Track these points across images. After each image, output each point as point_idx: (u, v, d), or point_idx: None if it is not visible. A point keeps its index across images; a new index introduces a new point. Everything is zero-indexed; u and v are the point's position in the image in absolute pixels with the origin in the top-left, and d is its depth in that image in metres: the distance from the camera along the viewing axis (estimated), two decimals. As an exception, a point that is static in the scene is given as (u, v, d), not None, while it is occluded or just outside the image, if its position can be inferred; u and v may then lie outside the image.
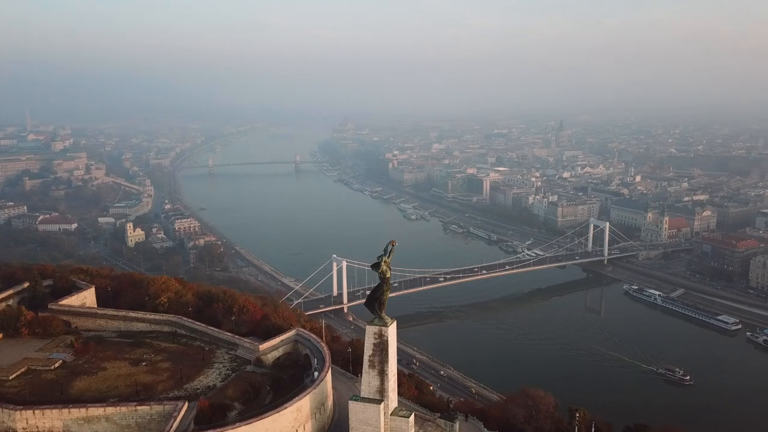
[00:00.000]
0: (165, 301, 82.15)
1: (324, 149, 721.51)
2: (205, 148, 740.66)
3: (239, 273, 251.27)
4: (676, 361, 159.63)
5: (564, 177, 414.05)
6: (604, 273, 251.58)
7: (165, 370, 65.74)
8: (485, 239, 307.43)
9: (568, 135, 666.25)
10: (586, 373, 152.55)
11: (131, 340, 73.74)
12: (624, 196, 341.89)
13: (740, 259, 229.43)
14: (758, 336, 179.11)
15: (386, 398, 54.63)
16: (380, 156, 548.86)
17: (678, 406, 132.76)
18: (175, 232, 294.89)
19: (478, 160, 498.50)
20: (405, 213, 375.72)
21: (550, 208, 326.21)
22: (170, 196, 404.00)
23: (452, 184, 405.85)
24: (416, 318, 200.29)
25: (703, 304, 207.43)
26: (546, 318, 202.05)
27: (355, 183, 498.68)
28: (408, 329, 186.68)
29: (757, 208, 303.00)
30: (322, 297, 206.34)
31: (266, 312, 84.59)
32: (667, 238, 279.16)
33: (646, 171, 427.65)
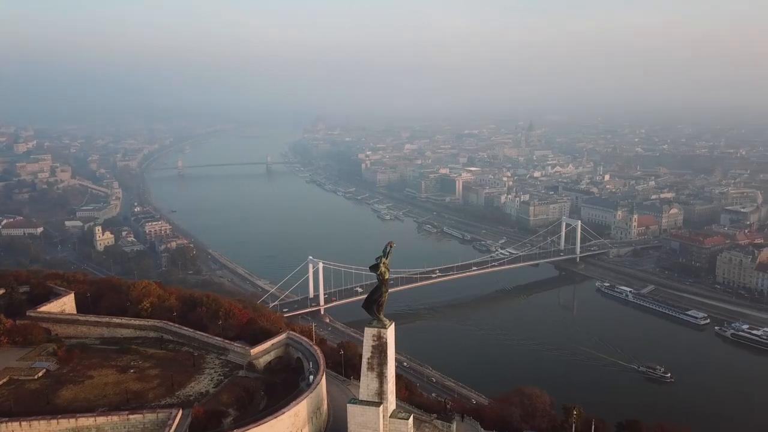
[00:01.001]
0: (148, 306, 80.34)
1: (295, 150, 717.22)
2: (173, 149, 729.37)
3: (213, 276, 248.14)
4: (654, 358, 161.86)
5: (535, 176, 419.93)
6: (576, 271, 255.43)
7: (154, 377, 64.29)
8: (459, 239, 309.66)
9: (537, 135, 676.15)
10: (569, 372, 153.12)
11: (117, 347, 71.89)
12: (594, 194, 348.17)
13: (707, 255, 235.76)
14: (726, 330, 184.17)
15: (385, 400, 54.48)
16: (353, 156, 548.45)
17: (662, 403, 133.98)
18: (146, 235, 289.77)
19: (449, 160, 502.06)
20: (379, 213, 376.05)
21: (522, 208, 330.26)
22: (139, 199, 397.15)
23: (425, 184, 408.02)
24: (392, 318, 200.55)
25: (672, 300, 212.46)
26: (523, 316, 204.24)
27: (327, 184, 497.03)
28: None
29: (722, 206, 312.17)
30: (299, 299, 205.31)
31: (252, 316, 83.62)
32: (636, 235, 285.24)
33: (614, 170, 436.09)
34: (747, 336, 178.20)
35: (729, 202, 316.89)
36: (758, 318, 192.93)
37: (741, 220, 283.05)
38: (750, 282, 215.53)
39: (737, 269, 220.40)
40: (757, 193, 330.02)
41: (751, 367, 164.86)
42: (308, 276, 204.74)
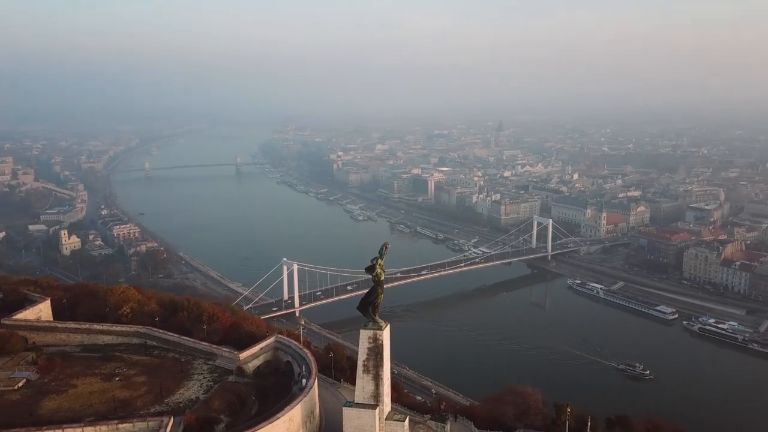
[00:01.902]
0: (128, 311, 78.42)
1: (265, 151, 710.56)
2: (140, 150, 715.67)
3: (184, 279, 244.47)
4: (630, 355, 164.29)
5: (505, 176, 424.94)
6: (548, 268, 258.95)
7: (141, 384, 62.70)
8: (432, 238, 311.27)
9: (507, 135, 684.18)
10: (551, 372, 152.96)
11: (99, 354, 69.91)
12: (563, 193, 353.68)
13: (674, 251, 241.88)
14: (693, 324, 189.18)
15: (381, 403, 54.27)
16: (324, 157, 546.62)
17: (644, 400, 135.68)
18: (114, 238, 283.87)
19: (421, 160, 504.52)
20: (352, 214, 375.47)
21: (493, 207, 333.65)
22: (106, 202, 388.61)
23: (398, 184, 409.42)
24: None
25: (642, 296, 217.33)
26: (498, 315, 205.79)
27: (299, 184, 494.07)
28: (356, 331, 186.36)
29: (686, 203, 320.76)
30: (273, 301, 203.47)
31: (235, 319, 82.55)
32: (605, 233, 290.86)
33: (582, 169, 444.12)
34: (713, 330, 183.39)
35: (693, 200, 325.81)
36: (723, 312, 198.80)
37: (705, 217, 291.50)
38: (715, 277, 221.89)
39: (703, 265, 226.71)
40: (720, 191, 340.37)
41: (720, 360, 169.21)
42: (283, 278, 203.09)
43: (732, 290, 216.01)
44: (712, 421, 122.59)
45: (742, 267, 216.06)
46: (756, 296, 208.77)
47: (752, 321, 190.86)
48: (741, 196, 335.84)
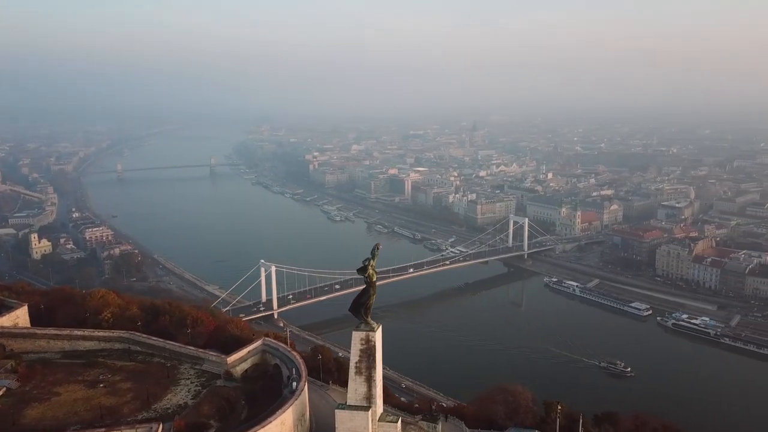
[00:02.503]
0: (109, 316, 76.63)
1: (239, 151, 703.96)
2: (111, 152, 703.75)
3: (160, 282, 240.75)
4: (609, 352, 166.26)
5: (481, 176, 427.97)
6: (524, 267, 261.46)
7: (127, 391, 61.35)
8: (410, 238, 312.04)
9: (481, 135, 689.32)
10: (534, 370, 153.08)
11: (82, 360, 68.17)
12: (538, 192, 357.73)
13: (647, 249, 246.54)
14: (667, 320, 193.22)
15: (374, 404, 54.11)
16: (299, 157, 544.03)
17: (628, 397, 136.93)
18: (86, 241, 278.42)
19: (397, 160, 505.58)
20: (329, 215, 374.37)
21: (469, 206, 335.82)
22: (77, 204, 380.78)
23: (375, 184, 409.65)
24: (344, 321, 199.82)
25: (616, 293, 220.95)
26: (477, 314, 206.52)
27: (274, 185, 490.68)
28: (336, 332, 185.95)
29: (658, 201, 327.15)
30: (251, 304, 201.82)
31: (219, 323, 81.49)
32: (580, 231, 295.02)
33: (556, 168, 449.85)
34: (686, 325, 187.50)
35: (664, 198, 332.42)
36: (696, 308, 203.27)
37: (676, 215, 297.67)
38: (687, 273, 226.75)
39: (675, 262, 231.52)
40: (690, 189, 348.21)
41: (694, 355, 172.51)
42: (260, 280, 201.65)
43: (703, 286, 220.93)
44: (692, 416, 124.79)
45: (713, 263, 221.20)
46: (726, 292, 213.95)
47: (723, 316, 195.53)
48: (710, 194, 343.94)
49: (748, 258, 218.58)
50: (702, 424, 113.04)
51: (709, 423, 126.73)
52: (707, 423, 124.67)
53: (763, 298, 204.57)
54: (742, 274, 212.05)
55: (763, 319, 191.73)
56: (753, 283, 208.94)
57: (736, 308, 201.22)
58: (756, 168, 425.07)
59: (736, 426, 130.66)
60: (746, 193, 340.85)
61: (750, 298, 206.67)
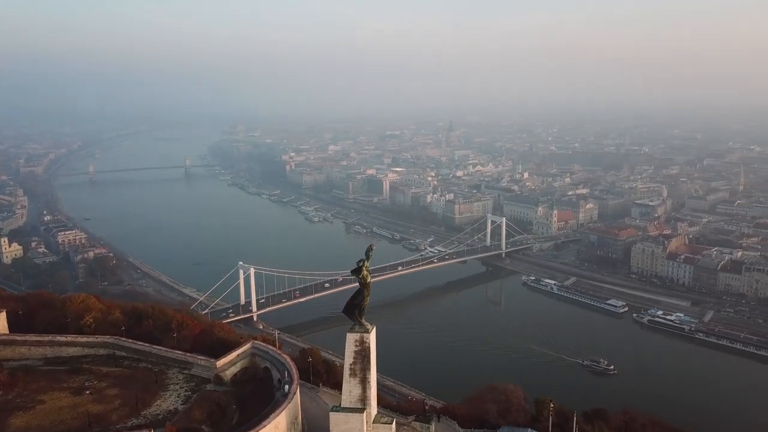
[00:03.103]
0: (91, 321, 74.84)
1: (215, 152, 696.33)
2: (83, 153, 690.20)
3: (135, 286, 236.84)
4: (592, 350, 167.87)
5: (458, 176, 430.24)
6: (502, 266, 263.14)
7: (115, 397, 59.91)
8: (389, 238, 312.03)
9: (457, 135, 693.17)
10: (518, 370, 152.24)
11: (66, 367, 66.29)
12: (515, 192, 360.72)
13: (622, 246, 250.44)
14: (643, 317, 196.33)
15: (368, 406, 53.67)
16: (276, 158, 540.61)
17: (612, 394, 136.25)
18: (59, 245, 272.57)
19: (374, 161, 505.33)
20: (307, 216, 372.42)
21: (447, 206, 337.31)
22: (48, 207, 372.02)
23: (353, 185, 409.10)
24: (324, 322, 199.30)
25: (593, 290, 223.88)
26: (457, 314, 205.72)
27: (251, 186, 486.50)
28: (316, 334, 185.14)
29: (632, 200, 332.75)
30: (229, 306, 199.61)
31: (205, 326, 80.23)
32: (556, 230, 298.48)
33: (531, 168, 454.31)
34: (662, 321, 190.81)
35: (638, 197, 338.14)
36: (670, 304, 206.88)
37: (650, 213, 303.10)
38: (661, 270, 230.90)
39: (650, 259, 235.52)
40: (663, 188, 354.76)
41: (671, 351, 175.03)
42: (239, 282, 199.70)
43: (677, 283, 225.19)
44: (676, 411, 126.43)
45: (686, 260, 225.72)
46: (699, 288, 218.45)
47: (697, 312, 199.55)
48: (682, 192, 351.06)
49: (719, 255, 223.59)
50: (685, 418, 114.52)
51: (691, 417, 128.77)
52: (690, 417, 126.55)
53: (735, 294, 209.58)
54: (714, 271, 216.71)
55: (734, 315, 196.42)
56: (725, 279, 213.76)
57: (709, 304, 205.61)
58: (725, 166, 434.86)
59: (715, 417, 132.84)
60: (716, 191, 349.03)
61: (722, 294, 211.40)
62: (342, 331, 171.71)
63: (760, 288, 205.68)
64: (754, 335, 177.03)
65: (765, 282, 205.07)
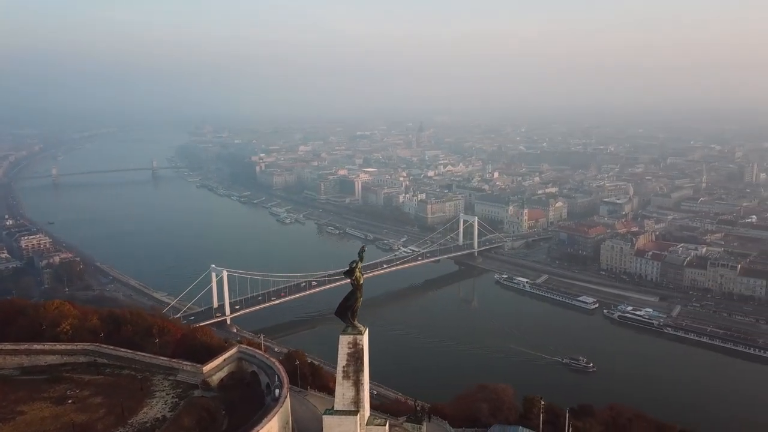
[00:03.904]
0: (68, 328, 72.66)
1: (182, 154, 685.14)
2: (45, 156, 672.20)
3: (104, 291, 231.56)
4: (569, 347, 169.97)
5: (429, 176, 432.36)
6: (475, 264, 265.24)
7: (99, 406, 58.24)
8: (362, 239, 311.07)
9: (427, 136, 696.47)
10: (498, 369, 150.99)
11: (45, 376, 64.01)
12: (485, 191, 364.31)
13: (592, 244, 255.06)
14: (613, 312, 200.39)
15: (362, 408, 53.47)
16: (245, 159, 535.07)
17: (595, 391, 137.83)
18: (22, 250, 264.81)
19: (345, 161, 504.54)
20: (278, 217, 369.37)
21: (419, 206, 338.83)
22: (10, 211, 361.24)
23: (325, 186, 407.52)
24: (299, 324, 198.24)
25: (564, 288, 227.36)
26: (432, 314, 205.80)
27: (220, 188, 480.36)
28: (291, 335, 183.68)
29: (600, 198, 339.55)
30: (202, 310, 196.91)
31: (186, 331, 78.81)
32: (527, 228, 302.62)
33: (501, 168, 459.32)
34: (631, 317, 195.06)
35: (606, 195, 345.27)
36: (639, 300, 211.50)
37: (617, 211, 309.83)
38: (630, 267, 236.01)
39: (618, 256, 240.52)
40: (629, 186, 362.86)
41: (643, 346, 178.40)
42: (212, 285, 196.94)
43: (645, 279, 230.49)
44: (656, 405, 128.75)
45: (654, 257, 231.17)
46: (667, 283, 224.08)
47: (665, 307, 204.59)
48: (647, 190, 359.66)
49: (685, 251, 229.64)
50: (665, 412, 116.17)
51: (670, 410, 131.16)
52: (668, 411, 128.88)
53: (700, 289, 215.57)
54: (680, 267, 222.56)
55: (701, 309, 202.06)
56: (691, 275, 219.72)
57: (676, 299, 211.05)
58: (687, 165, 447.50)
59: (692, 409, 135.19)
60: (680, 189, 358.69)
61: (688, 289, 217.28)
62: (317, 333, 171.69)
63: (724, 283, 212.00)
64: (719, 329, 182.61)
65: (729, 277, 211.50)
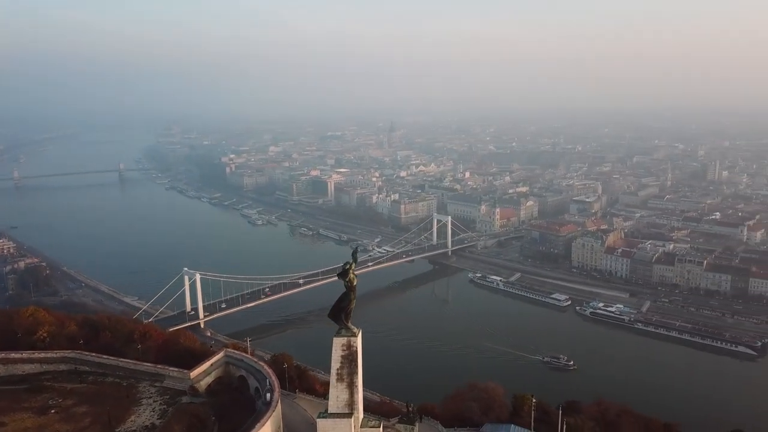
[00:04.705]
0: (45, 335, 70.59)
1: (150, 156, 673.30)
2: (5, 158, 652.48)
3: (72, 296, 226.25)
4: (546, 345, 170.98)
5: (401, 176, 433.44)
6: (449, 264, 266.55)
7: (84, 415, 56.57)
8: (336, 240, 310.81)
9: (398, 136, 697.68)
10: (481, 369, 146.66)
11: (24, 385, 61.83)
12: (457, 191, 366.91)
13: (563, 242, 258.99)
14: (585, 309, 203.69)
15: (356, 411, 53.19)
16: (215, 160, 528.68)
17: (576, 388, 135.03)
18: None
19: (317, 161, 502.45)
20: (250, 219, 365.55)
21: (393, 206, 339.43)
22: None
23: (297, 186, 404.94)
24: (274, 327, 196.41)
25: (537, 285, 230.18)
26: (409, 314, 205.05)
27: (190, 190, 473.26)
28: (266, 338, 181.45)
29: (570, 196, 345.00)
30: (175, 314, 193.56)
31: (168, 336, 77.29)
32: (499, 227, 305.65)
33: (472, 167, 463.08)
34: (603, 313, 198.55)
35: (575, 193, 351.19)
36: (610, 296, 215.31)
37: (587, 209, 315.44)
38: (601, 264, 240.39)
39: (589, 253, 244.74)
40: (598, 184, 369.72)
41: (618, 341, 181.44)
42: (184, 289, 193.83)
43: (616, 275, 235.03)
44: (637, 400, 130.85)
45: (623, 254, 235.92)
46: (636, 280, 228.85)
47: (635, 303, 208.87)
48: (615, 188, 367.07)
49: (653, 248, 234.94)
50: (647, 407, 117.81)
51: (651, 405, 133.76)
52: (649, 405, 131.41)
53: (669, 285, 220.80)
54: (649, 263, 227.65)
55: (669, 304, 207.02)
56: (659, 271, 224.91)
57: (645, 295, 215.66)
58: (653, 163, 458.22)
59: (671, 402, 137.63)
60: (647, 187, 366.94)
61: (657, 285, 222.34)
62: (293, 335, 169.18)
63: (691, 278, 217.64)
64: (688, 323, 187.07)
65: (695, 272, 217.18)
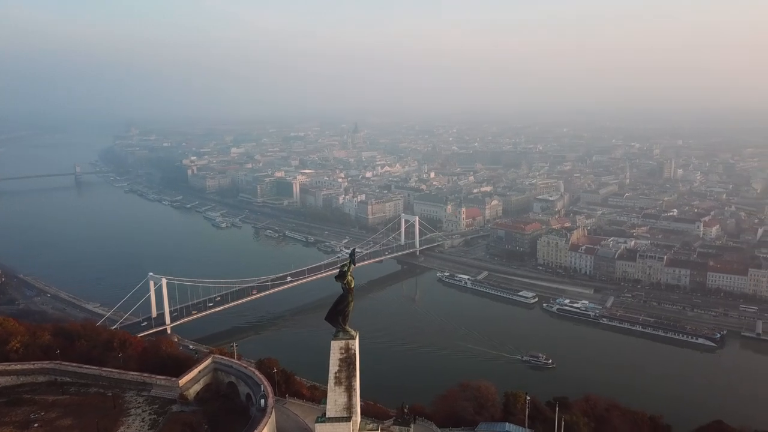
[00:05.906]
0: (18, 346, 67.72)
1: (107, 158, 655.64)
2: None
3: (30, 304, 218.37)
4: (523, 344, 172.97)
5: (367, 176, 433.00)
6: (417, 263, 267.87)
7: (70, 428, 54.39)
8: (303, 241, 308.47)
9: (362, 136, 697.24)
10: (460, 369, 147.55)
11: (2, 399, 59.01)
12: (423, 191, 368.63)
13: (528, 240, 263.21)
14: (552, 306, 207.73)
15: (354, 414, 52.80)
16: (176, 162, 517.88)
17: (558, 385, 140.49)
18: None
19: (281, 163, 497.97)
20: (214, 221, 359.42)
21: (360, 207, 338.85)
22: None
23: (261, 188, 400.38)
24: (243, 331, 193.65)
25: (505, 283, 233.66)
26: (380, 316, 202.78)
27: (150, 193, 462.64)
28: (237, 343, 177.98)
29: (533, 195, 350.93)
30: (140, 320, 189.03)
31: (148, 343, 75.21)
32: (465, 227, 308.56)
33: (436, 168, 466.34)
34: (569, 309, 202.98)
35: (538, 192, 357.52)
36: (575, 292, 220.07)
37: (550, 208, 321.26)
38: (565, 261, 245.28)
39: (554, 251, 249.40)
40: (560, 183, 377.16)
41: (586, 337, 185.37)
42: (150, 294, 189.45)
43: (580, 272, 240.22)
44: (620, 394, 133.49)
45: (587, 251, 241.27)
46: (600, 276, 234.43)
47: (599, 298, 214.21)
48: (576, 187, 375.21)
49: (615, 244, 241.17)
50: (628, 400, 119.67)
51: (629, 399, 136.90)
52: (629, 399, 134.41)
53: (631, 280, 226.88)
54: (612, 260, 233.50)
55: (632, 299, 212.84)
56: (622, 267, 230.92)
57: (609, 290, 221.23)
58: (611, 162, 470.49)
59: (647, 394, 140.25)
60: (607, 185, 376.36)
61: (620, 281, 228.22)
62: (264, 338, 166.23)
63: (652, 273, 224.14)
64: (650, 317, 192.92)
65: (656, 268, 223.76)
